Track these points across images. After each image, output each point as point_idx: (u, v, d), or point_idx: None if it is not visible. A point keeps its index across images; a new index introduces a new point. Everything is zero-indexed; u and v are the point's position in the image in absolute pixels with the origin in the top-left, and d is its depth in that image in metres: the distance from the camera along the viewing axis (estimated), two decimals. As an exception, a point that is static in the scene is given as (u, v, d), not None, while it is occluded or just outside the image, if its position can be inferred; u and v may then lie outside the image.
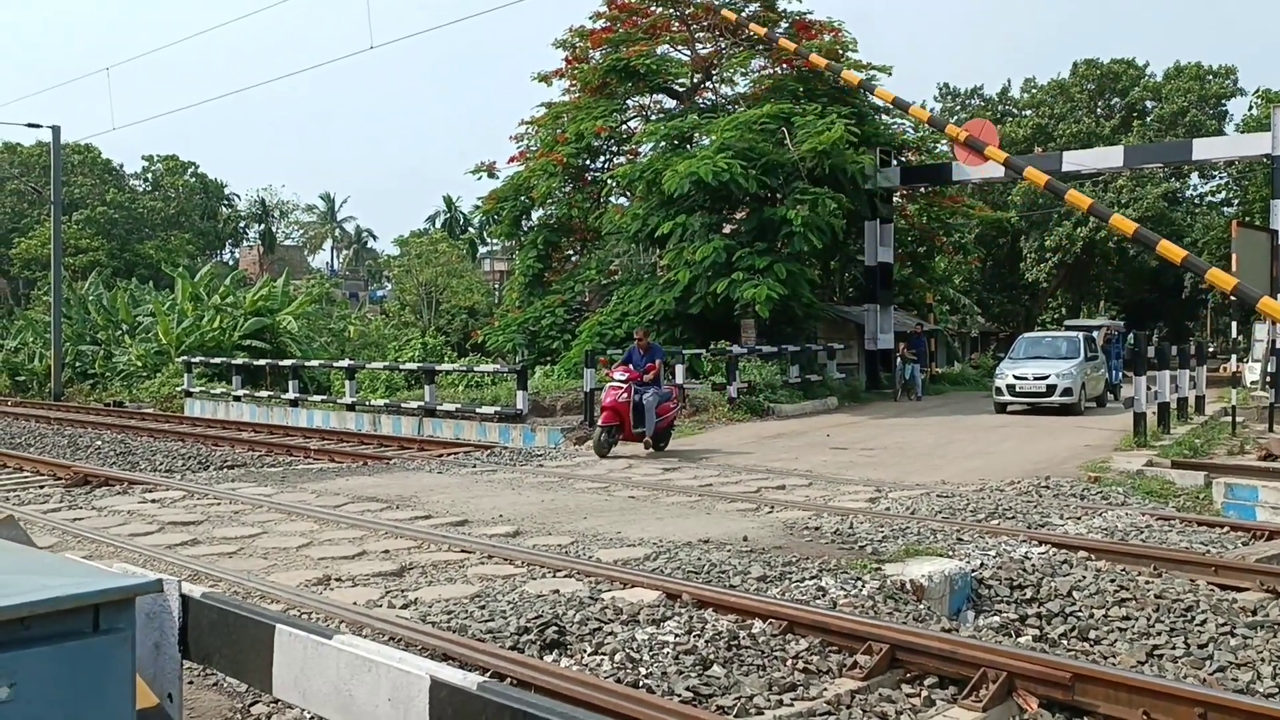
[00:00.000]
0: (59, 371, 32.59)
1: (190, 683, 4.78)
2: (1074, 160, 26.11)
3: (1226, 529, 9.34)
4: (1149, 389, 16.03)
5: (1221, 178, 44.55)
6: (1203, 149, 24.46)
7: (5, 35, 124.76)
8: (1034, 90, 46.79)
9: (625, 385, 14.22)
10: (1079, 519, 9.61)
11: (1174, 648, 6.31)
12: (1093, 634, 6.63)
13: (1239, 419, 17.61)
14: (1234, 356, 26.29)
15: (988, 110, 47.65)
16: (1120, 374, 25.43)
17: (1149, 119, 43.65)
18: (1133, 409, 15.81)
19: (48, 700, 2.04)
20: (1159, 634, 6.51)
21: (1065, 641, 6.59)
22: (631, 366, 14.61)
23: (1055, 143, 41.02)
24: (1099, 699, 5.06)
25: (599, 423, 14.40)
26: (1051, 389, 20.66)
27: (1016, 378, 21.20)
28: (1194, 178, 45.53)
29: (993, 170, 27.52)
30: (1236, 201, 44.50)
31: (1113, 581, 7.27)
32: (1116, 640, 6.52)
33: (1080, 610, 6.92)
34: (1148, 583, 7.27)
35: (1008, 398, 21.22)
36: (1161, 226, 42.99)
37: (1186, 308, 51.51)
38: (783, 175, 22.94)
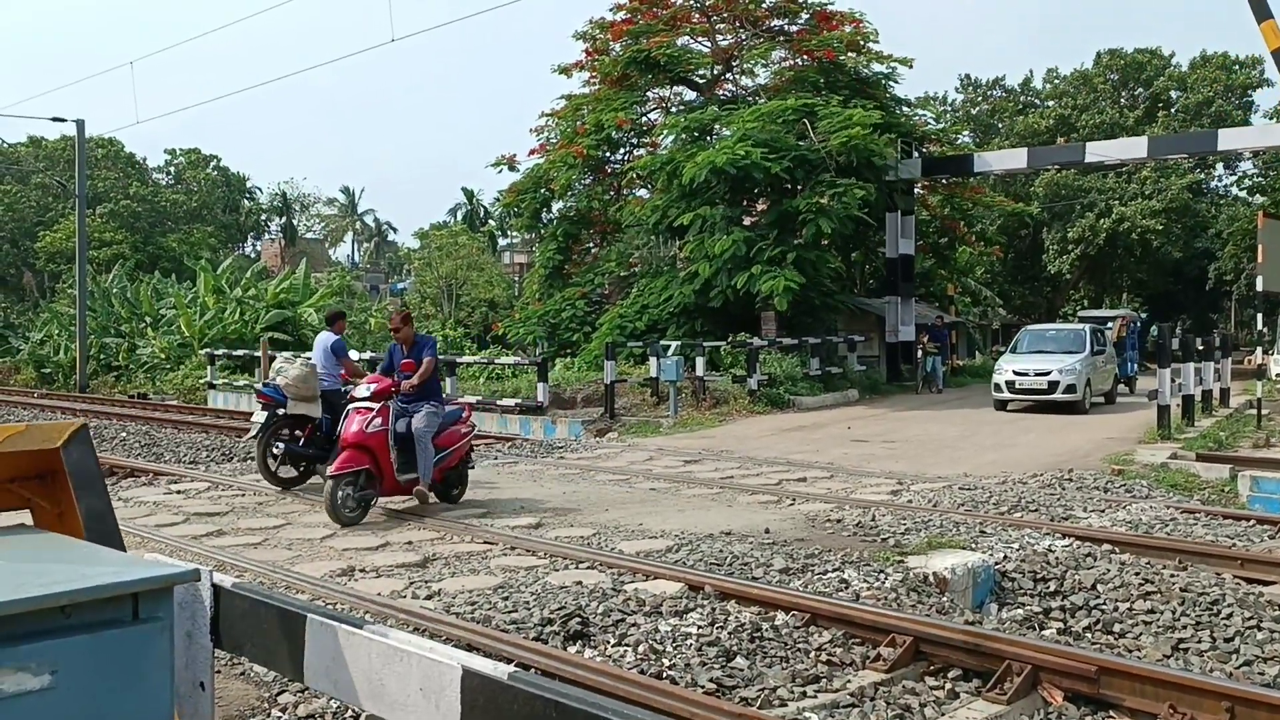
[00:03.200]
0: (84, 364, 32.87)
1: (218, 672, 4.83)
2: (1098, 151, 25.91)
3: (1252, 522, 9.29)
4: (1173, 381, 15.90)
5: (1248, 168, 44.07)
6: (1229, 139, 24.20)
7: (30, 30, 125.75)
8: (1057, 80, 46.40)
9: (377, 406, 8.97)
10: (1102, 512, 9.57)
11: (1200, 641, 6.28)
12: (1117, 627, 6.60)
13: (1264, 411, 17.47)
14: (1259, 348, 25.98)
15: (1010, 101, 47.35)
16: (1135, 366, 25.09)
17: (1174, 109, 43.20)
18: (1156, 403, 15.70)
19: (87, 688, 2.07)
20: (1184, 627, 6.47)
21: (1090, 635, 6.57)
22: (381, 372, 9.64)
23: (1078, 133, 40.69)
24: (1125, 692, 5.05)
25: (330, 470, 8.81)
26: (1054, 385, 19.40)
27: (1016, 373, 19.88)
28: (1219, 168, 45.08)
29: (1014, 161, 27.46)
30: (1257, 192, 44.04)
31: (1137, 574, 7.24)
32: (1141, 634, 6.50)
33: (1105, 603, 6.90)
34: (1173, 576, 7.23)
35: (1007, 395, 19.96)
36: (1186, 218, 42.68)
37: (1210, 299, 51.05)
38: (808, 168, 22.87)
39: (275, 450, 10.50)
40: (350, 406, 9.12)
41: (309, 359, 10.90)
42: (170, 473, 12.12)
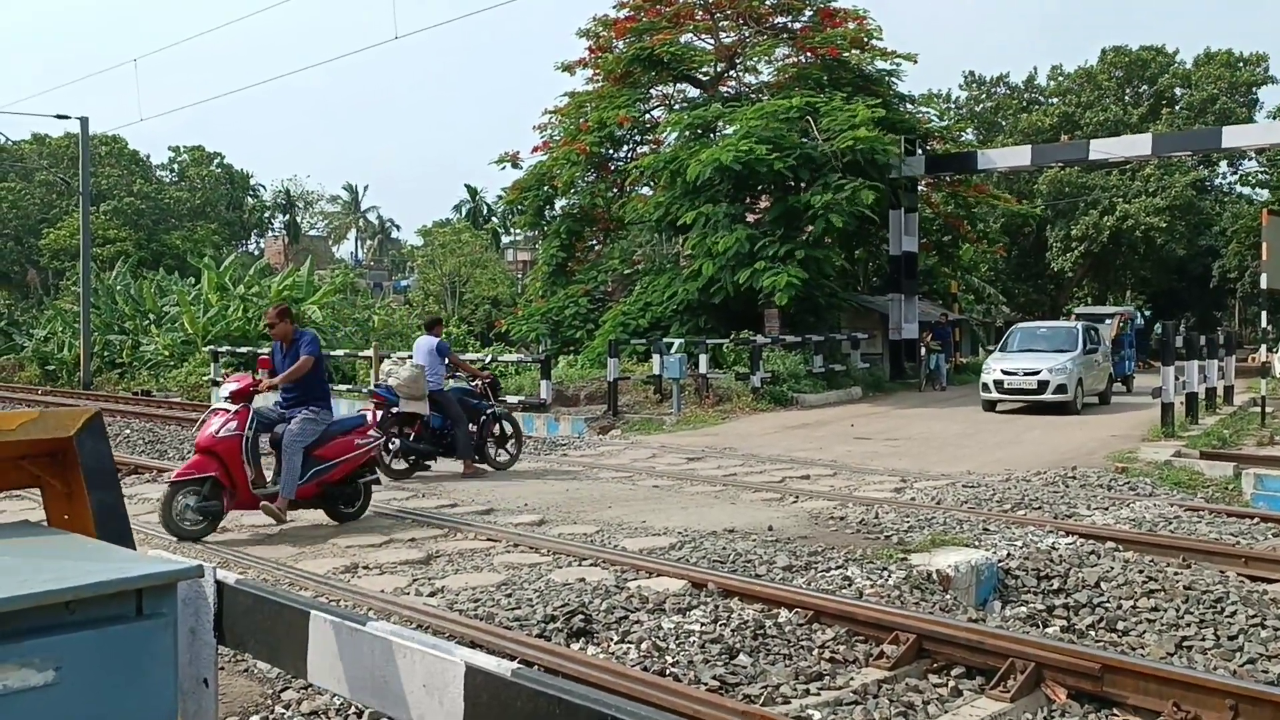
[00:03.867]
0: (88, 361, 32.91)
1: (221, 668, 4.83)
2: (1102, 148, 25.87)
3: (1256, 520, 9.28)
4: (1177, 379, 15.87)
5: (1252, 165, 43.96)
6: (1233, 136, 24.15)
7: (34, 28, 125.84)
8: (1061, 78, 46.32)
9: (236, 408, 8.04)
10: (1106, 509, 9.56)
11: (1203, 639, 6.27)
12: (1121, 625, 6.60)
13: (1269, 409, 17.43)
14: (1263, 346, 25.95)
15: (1014, 98, 47.28)
16: (1132, 364, 24.94)
17: (1178, 107, 43.12)
18: (1158, 400, 15.66)
19: (92, 683, 2.07)
20: (1188, 625, 6.47)
21: (1093, 632, 6.56)
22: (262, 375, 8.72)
23: (1082, 131, 40.61)
24: (1128, 690, 5.04)
25: (173, 476, 8.10)
26: (1043, 385, 18.64)
27: (1005, 373, 19.12)
28: (1223, 166, 45.01)
29: (1018, 159, 27.43)
30: (1262, 187, 43.96)
31: (1141, 572, 7.23)
32: (1145, 631, 6.49)
33: (1108, 601, 6.89)
34: (1176, 574, 7.22)
35: (995, 395, 19.22)
36: (1190, 215, 42.61)
37: (1214, 297, 50.93)
38: (812, 165, 22.85)
39: (391, 445, 11.18)
40: (211, 407, 8.35)
41: (415, 362, 11.62)
42: (174, 469, 12.10)
